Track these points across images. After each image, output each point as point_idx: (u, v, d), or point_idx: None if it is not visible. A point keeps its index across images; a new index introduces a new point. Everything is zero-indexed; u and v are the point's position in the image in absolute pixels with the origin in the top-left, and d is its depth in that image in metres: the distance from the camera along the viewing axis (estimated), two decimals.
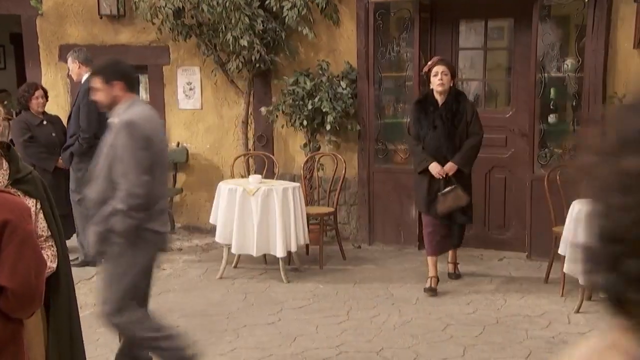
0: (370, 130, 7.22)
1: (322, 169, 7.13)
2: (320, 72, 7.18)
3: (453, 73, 5.41)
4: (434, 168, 5.41)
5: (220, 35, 7.00)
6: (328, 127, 6.99)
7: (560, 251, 5.15)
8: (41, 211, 2.41)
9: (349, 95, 7.06)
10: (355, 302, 5.34)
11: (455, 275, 5.98)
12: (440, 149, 5.32)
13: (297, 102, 7.03)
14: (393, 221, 7.19)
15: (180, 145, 8.02)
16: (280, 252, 5.84)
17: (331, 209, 6.70)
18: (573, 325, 4.78)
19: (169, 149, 7.99)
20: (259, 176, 6.20)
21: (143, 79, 8.49)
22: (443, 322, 4.86)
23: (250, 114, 7.67)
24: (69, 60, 6.55)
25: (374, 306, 5.22)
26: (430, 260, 5.60)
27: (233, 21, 6.76)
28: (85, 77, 6.44)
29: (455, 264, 6.03)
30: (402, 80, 7.23)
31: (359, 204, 7.35)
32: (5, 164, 2.39)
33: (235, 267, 6.35)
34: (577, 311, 5.01)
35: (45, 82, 8.15)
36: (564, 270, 5.09)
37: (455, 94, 5.39)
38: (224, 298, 5.48)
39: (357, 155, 7.34)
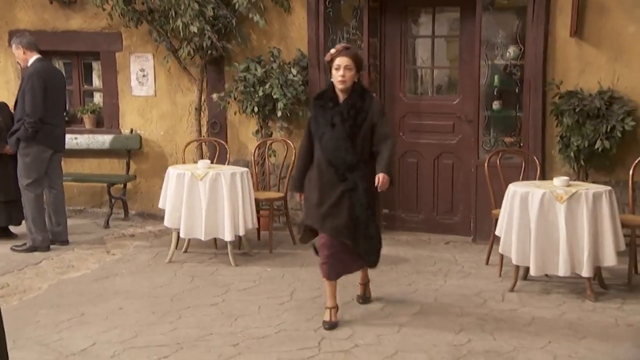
0: None
1: (274, 155, 7.21)
2: (272, 59, 7.25)
3: (359, 67, 4.50)
4: (297, 198, 4.82)
5: (171, 21, 7.02)
6: (279, 113, 7.07)
7: (497, 232, 5.31)
8: None
9: (300, 82, 7.14)
10: (300, 284, 5.44)
11: (364, 299, 4.96)
12: (339, 150, 4.41)
13: (248, 89, 7.10)
14: None
15: (133, 132, 8.04)
16: (228, 236, 5.91)
17: (281, 194, 6.79)
18: (506, 303, 4.94)
19: (123, 135, 8.03)
20: (208, 161, 6.25)
21: (96, 66, 8.50)
22: (382, 301, 4.99)
23: (204, 101, 7.71)
24: (13, 47, 6.51)
25: (317, 287, 5.32)
26: (328, 286, 4.59)
27: (182, 7, 6.79)
28: (31, 61, 6.43)
29: (365, 285, 4.98)
30: None
31: None
32: None
33: (185, 251, 6.41)
34: (512, 290, 5.18)
35: None
36: (499, 251, 5.25)
37: (360, 91, 4.50)
38: (170, 281, 5.54)
39: None
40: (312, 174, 4.58)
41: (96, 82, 8.46)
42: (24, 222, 6.67)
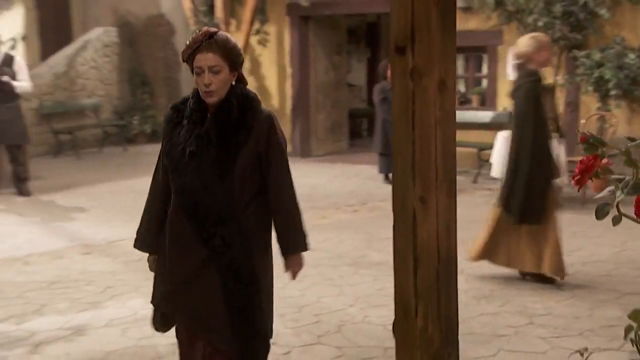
0: None
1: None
2: (615, 45, 8.32)
3: (234, 63, 2.77)
4: (150, 261, 3.01)
5: (525, 18, 8.73)
6: (613, 92, 8.15)
7: None
8: None
9: (638, 66, 8.06)
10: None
11: None
12: (197, 197, 2.76)
13: (586, 72, 8.35)
14: None
15: (504, 110, 9.92)
16: None
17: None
18: None
19: (497, 112, 9.99)
20: None
21: (485, 57, 10.61)
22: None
23: (560, 83, 9.16)
24: None
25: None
26: None
27: (532, 6, 8.45)
28: None
29: None
30: None
31: None
32: None
33: None
34: None
35: None
36: None
37: (238, 101, 2.80)
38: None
39: None
40: (165, 229, 2.89)
41: (484, 70, 10.56)
42: None
